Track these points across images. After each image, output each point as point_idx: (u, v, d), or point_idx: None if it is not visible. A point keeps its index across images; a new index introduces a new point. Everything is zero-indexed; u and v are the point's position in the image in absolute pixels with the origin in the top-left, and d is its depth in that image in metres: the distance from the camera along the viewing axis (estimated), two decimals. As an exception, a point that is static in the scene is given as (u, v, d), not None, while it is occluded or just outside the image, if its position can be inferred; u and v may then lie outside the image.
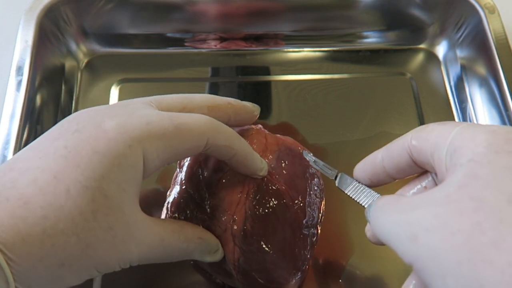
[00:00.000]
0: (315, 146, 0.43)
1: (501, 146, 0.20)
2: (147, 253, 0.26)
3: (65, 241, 0.22)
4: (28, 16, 0.43)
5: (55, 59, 0.45)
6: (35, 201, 0.21)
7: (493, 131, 0.21)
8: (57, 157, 0.23)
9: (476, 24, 0.45)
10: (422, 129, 0.25)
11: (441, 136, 0.23)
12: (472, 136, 0.21)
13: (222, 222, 0.30)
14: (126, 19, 0.47)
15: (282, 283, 0.31)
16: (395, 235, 0.21)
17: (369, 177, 0.27)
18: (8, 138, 0.38)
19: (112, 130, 0.24)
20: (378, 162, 0.27)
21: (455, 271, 0.18)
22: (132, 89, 0.46)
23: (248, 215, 0.30)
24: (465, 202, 0.19)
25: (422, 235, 0.20)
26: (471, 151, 0.21)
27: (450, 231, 0.19)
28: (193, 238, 0.29)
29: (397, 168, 0.26)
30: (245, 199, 0.30)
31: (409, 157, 0.25)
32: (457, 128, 0.22)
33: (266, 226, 0.30)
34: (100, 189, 0.23)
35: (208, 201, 0.31)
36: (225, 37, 0.49)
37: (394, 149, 0.26)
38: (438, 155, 0.23)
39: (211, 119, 0.27)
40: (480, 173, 0.20)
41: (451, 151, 0.22)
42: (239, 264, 0.30)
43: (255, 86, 0.47)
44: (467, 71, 0.47)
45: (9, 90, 0.40)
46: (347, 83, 0.47)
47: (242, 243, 0.30)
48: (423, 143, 0.24)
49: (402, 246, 0.21)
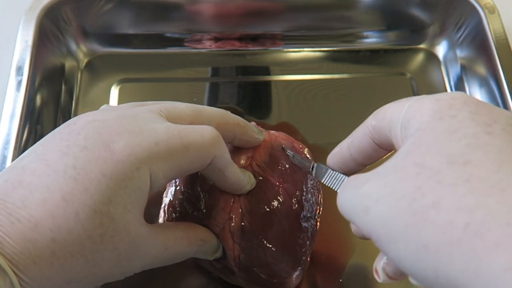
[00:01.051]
0: (315, 146, 0.43)
1: (445, 111, 0.21)
2: (151, 263, 0.26)
3: (73, 262, 0.22)
4: (28, 16, 0.43)
5: (55, 59, 0.45)
6: (45, 224, 0.22)
7: (438, 99, 0.22)
8: (67, 177, 0.23)
9: (476, 24, 0.45)
10: (379, 110, 0.25)
11: (395, 112, 0.23)
12: (420, 107, 0.22)
13: (219, 220, 0.30)
14: (126, 19, 0.47)
15: (284, 276, 0.31)
16: (352, 210, 0.22)
17: (339, 167, 0.28)
18: (8, 138, 0.38)
19: (120, 152, 0.24)
20: (345, 151, 0.27)
21: (403, 235, 0.19)
22: (132, 89, 0.46)
23: (244, 212, 0.30)
24: (409, 168, 0.20)
25: (373, 206, 0.21)
26: (418, 121, 0.21)
27: (395, 197, 0.19)
28: (196, 241, 0.29)
29: (363, 154, 0.26)
30: (239, 196, 0.30)
31: (372, 140, 0.25)
32: (409, 102, 0.23)
33: (263, 221, 0.30)
34: (108, 213, 0.23)
35: (204, 201, 0.31)
36: (225, 37, 0.49)
37: (357, 136, 0.26)
38: (394, 131, 0.23)
39: (219, 137, 0.27)
40: (424, 140, 0.20)
41: (404, 125, 0.22)
42: (239, 261, 0.30)
43: (255, 86, 0.47)
44: (467, 71, 0.47)
45: (9, 90, 0.40)
46: (347, 83, 0.47)
47: (240, 240, 0.30)
48: (380, 122, 0.24)
49: (359, 219, 0.22)
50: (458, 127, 0.20)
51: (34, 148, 0.25)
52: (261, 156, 0.32)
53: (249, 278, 0.31)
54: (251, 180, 0.30)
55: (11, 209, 0.22)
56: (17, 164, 0.24)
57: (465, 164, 0.18)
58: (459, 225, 0.17)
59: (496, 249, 0.16)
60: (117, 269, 0.25)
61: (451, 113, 0.20)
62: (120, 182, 0.23)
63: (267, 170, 0.31)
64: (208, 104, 0.45)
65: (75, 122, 0.25)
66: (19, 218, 0.22)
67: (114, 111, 0.26)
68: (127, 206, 0.24)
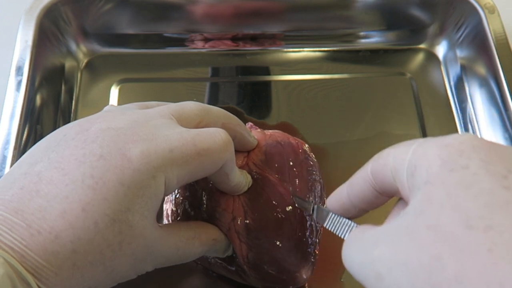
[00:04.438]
0: (315, 146, 0.43)
1: (455, 160, 0.19)
2: (163, 262, 0.27)
3: (93, 271, 0.23)
4: (28, 16, 0.43)
5: (55, 59, 0.45)
6: (65, 236, 0.22)
7: (446, 145, 0.20)
8: (85, 187, 0.23)
9: (476, 24, 0.45)
10: (378, 156, 0.23)
11: (398, 158, 0.22)
12: (426, 153, 0.20)
13: (224, 221, 0.30)
14: (126, 19, 0.47)
15: (293, 271, 0.32)
16: (363, 276, 0.21)
17: (341, 213, 0.26)
18: (8, 138, 0.38)
19: (136, 160, 0.24)
20: (345, 198, 0.26)
21: None
22: (132, 89, 0.46)
23: (247, 210, 0.30)
24: (422, 232, 0.18)
25: (385, 274, 0.19)
26: (426, 171, 0.20)
27: (411, 267, 0.18)
28: (208, 241, 0.29)
29: (364, 201, 0.25)
30: (239, 195, 0.30)
31: (373, 188, 0.24)
32: (413, 146, 0.21)
33: (266, 218, 0.30)
34: (126, 221, 0.23)
35: (206, 203, 0.31)
36: (224, 37, 0.49)
37: (356, 184, 0.25)
38: (399, 179, 0.22)
39: (230, 141, 0.27)
40: (435, 196, 0.19)
41: (411, 172, 0.21)
42: (248, 259, 0.31)
43: (255, 86, 0.47)
44: (467, 71, 0.47)
45: (9, 90, 0.40)
46: (347, 83, 0.47)
47: (247, 238, 0.30)
48: (382, 170, 0.23)
49: (371, 286, 0.20)
50: (471, 181, 0.18)
51: (46, 152, 0.24)
52: (257, 155, 0.32)
53: (260, 276, 0.31)
54: (248, 179, 0.31)
55: (31, 220, 0.22)
56: (29, 169, 0.24)
57: (486, 230, 0.17)
58: None
59: None
60: (132, 271, 0.25)
61: (462, 162, 0.19)
62: (138, 190, 0.23)
63: (264, 167, 0.31)
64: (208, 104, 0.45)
65: (88, 128, 0.25)
66: (40, 230, 0.22)
67: (124, 116, 0.26)
68: (144, 213, 0.24)
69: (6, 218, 0.22)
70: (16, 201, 0.22)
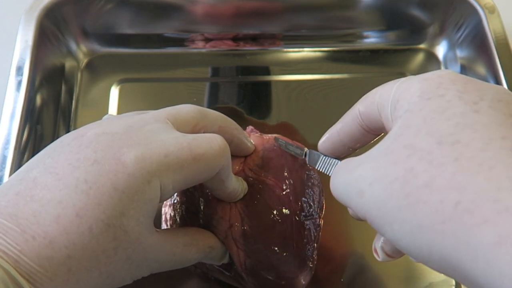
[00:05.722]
0: (315, 146, 0.43)
1: (433, 91, 0.21)
2: (158, 268, 0.27)
3: (88, 276, 0.23)
4: (28, 16, 0.43)
5: (55, 59, 0.45)
6: (60, 241, 0.22)
7: (426, 78, 0.22)
8: (79, 192, 0.23)
9: (476, 24, 0.45)
10: (367, 95, 0.26)
11: (384, 94, 0.24)
12: (408, 87, 0.22)
13: (221, 229, 0.30)
14: (126, 19, 0.47)
15: (291, 277, 0.31)
16: (347, 194, 0.23)
17: (331, 152, 0.28)
18: (8, 138, 0.38)
19: (131, 165, 0.24)
20: (335, 137, 0.28)
21: (398, 217, 0.19)
22: (132, 89, 0.46)
23: (244, 217, 0.30)
24: (399, 150, 0.20)
25: (366, 189, 0.21)
26: (407, 101, 0.21)
27: (388, 180, 0.20)
28: (204, 248, 0.29)
29: (353, 139, 0.27)
30: (235, 202, 0.30)
31: (361, 126, 0.26)
32: (397, 83, 0.23)
33: (263, 224, 0.30)
34: (121, 226, 0.23)
35: (204, 211, 0.31)
36: (224, 37, 0.49)
37: (346, 122, 0.27)
38: (384, 113, 0.23)
39: (226, 147, 0.27)
40: (413, 121, 0.20)
41: (394, 105, 0.22)
42: (246, 266, 0.30)
43: (255, 86, 0.47)
44: (467, 71, 0.47)
45: (9, 90, 0.40)
46: (347, 83, 0.47)
47: (244, 245, 0.30)
48: (370, 107, 0.25)
49: (354, 203, 0.22)
50: (446, 107, 0.20)
51: (42, 158, 0.24)
52: (253, 160, 0.32)
53: (258, 283, 0.31)
54: (244, 186, 0.30)
55: (25, 226, 0.22)
56: (25, 175, 0.24)
57: (454, 144, 0.19)
58: (450, 204, 0.17)
59: (485, 225, 0.16)
60: (128, 276, 0.25)
61: (439, 92, 0.21)
62: (132, 195, 0.23)
63: (260, 172, 0.31)
64: (208, 104, 0.45)
65: (83, 134, 0.25)
66: (34, 236, 0.22)
67: (120, 121, 0.26)
68: (139, 218, 0.24)
69: (1, 223, 0.21)
70: (11, 206, 0.22)
